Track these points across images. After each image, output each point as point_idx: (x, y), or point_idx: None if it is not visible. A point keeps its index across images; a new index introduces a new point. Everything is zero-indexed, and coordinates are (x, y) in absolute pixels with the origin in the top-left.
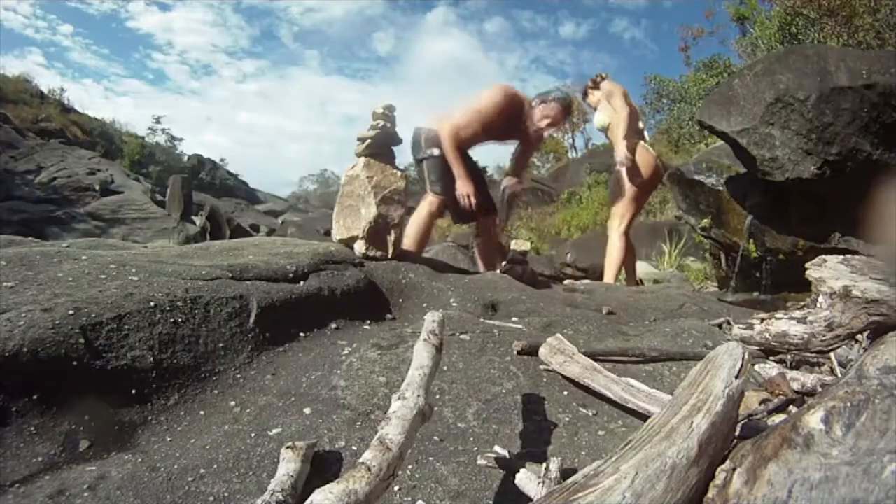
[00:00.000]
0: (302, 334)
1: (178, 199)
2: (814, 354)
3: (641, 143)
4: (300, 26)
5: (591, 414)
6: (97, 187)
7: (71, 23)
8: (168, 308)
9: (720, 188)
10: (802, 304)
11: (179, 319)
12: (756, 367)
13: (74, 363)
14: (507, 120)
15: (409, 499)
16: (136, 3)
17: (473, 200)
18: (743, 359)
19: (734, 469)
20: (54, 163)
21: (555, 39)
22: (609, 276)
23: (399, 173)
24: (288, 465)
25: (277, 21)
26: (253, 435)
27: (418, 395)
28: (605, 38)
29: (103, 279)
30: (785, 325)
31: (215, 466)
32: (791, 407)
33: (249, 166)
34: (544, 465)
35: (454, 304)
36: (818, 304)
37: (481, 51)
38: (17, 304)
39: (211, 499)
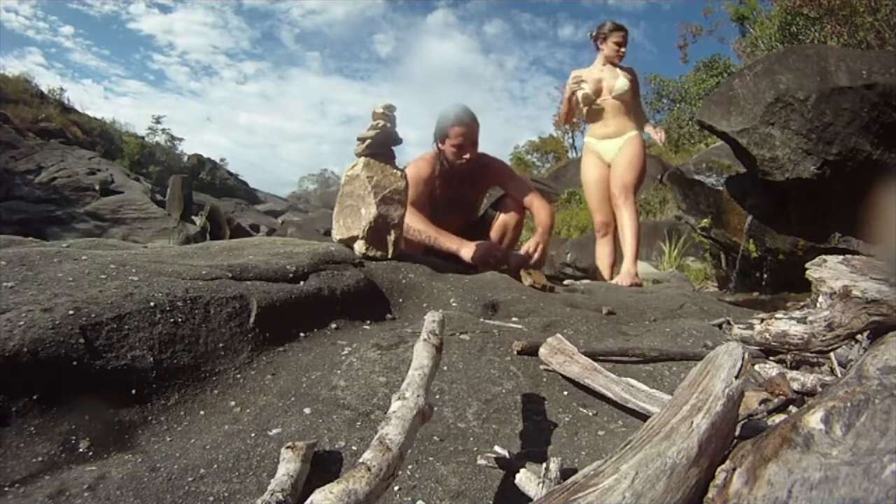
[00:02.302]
0: (302, 334)
1: (178, 199)
2: (814, 354)
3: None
4: (301, 28)
5: (591, 414)
6: (97, 187)
7: (72, 24)
8: (168, 308)
9: (720, 188)
10: (802, 304)
11: (179, 319)
12: (756, 367)
13: (74, 363)
14: (441, 181)
15: (409, 499)
16: (136, 4)
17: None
18: (743, 359)
19: (734, 469)
20: (54, 163)
21: (554, 41)
22: (631, 257)
23: (399, 173)
24: (288, 465)
25: (278, 23)
26: (253, 435)
27: (418, 395)
28: None
29: (103, 279)
30: (785, 325)
31: (215, 466)
32: (791, 407)
33: (249, 166)
34: (544, 465)
35: (454, 304)
36: (818, 304)
37: (481, 52)
38: (17, 304)
39: (211, 499)
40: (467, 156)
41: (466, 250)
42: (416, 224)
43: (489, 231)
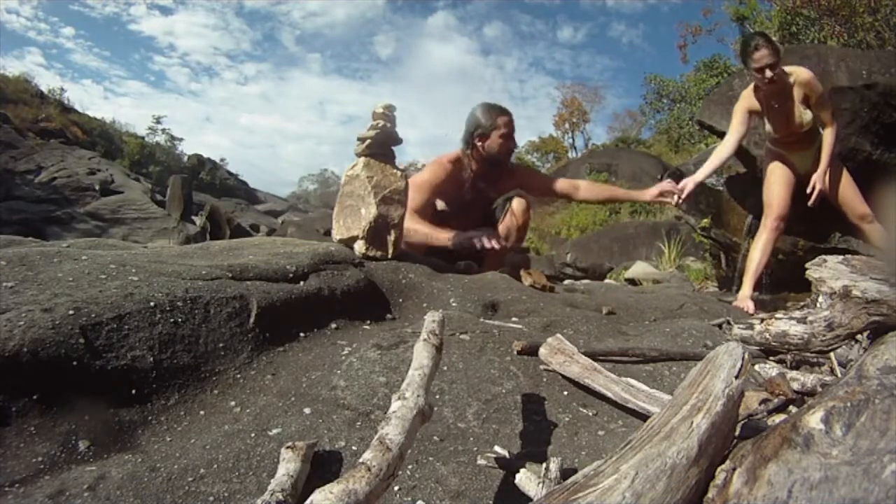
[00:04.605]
0: (302, 334)
1: (178, 199)
2: (814, 354)
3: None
4: (302, 30)
5: (591, 414)
6: (97, 187)
7: (73, 25)
8: (168, 308)
9: (720, 188)
10: (802, 304)
11: (179, 319)
12: (756, 367)
13: (74, 363)
14: (459, 186)
15: (409, 499)
16: (137, 6)
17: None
18: (743, 359)
19: (734, 469)
20: (54, 163)
21: (553, 42)
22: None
23: (399, 173)
24: (288, 465)
25: (279, 25)
26: (253, 435)
27: (418, 395)
28: (603, 41)
29: (103, 279)
30: (785, 325)
31: (215, 466)
32: (791, 407)
33: (249, 166)
34: (544, 465)
35: (454, 304)
36: (818, 304)
37: (480, 54)
38: (17, 304)
39: (211, 499)
40: (512, 145)
41: (451, 239)
42: (411, 225)
43: (497, 223)
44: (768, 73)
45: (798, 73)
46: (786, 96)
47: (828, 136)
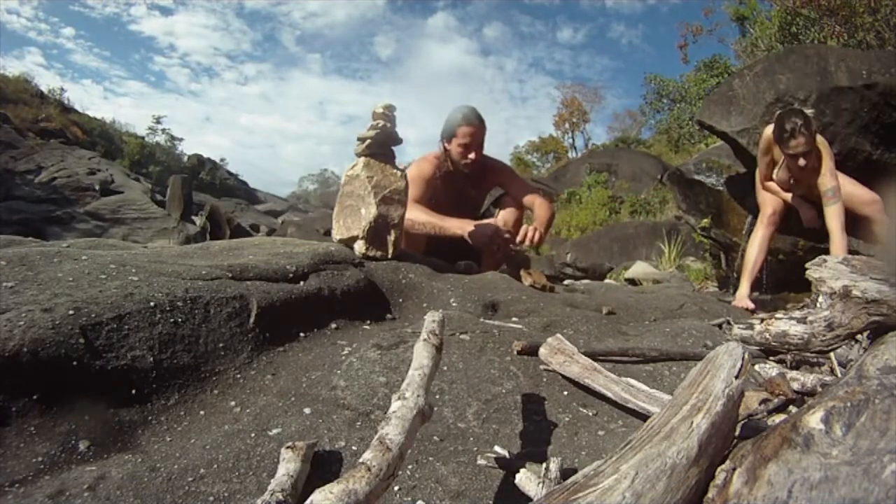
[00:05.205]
0: (302, 334)
1: (178, 199)
2: (814, 354)
3: None
4: (302, 30)
5: (591, 414)
6: (97, 187)
7: (73, 25)
8: (168, 308)
9: (720, 188)
10: (802, 304)
11: (179, 319)
12: (756, 367)
13: (74, 363)
14: (444, 181)
15: (409, 499)
16: (137, 7)
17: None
18: (743, 359)
19: (734, 469)
20: (54, 163)
21: (552, 42)
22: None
23: (399, 173)
24: (288, 465)
25: (279, 25)
26: (253, 435)
27: (418, 395)
28: (602, 41)
29: (103, 279)
30: (785, 325)
31: (215, 466)
32: (791, 407)
33: (249, 166)
34: (544, 465)
35: (454, 304)
36: (818, 304)
37: (480, 54)
38: (17, 304)
39: (211, 499)
40: (472, 156)
41: (471, 231)
42: (418, 217)
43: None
44: (802, 162)
45: (822, 143)
46: (810, 172)
47: (833, 218)
